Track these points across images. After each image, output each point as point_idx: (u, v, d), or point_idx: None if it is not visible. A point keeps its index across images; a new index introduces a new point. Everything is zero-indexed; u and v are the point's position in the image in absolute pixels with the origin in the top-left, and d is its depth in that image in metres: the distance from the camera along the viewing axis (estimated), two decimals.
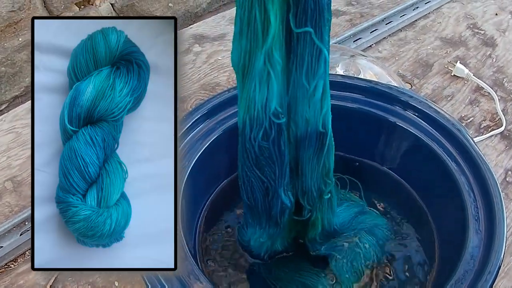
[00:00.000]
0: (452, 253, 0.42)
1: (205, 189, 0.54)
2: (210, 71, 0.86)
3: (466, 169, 0.46)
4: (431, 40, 0.95)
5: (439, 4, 1.05)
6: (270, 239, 0.48)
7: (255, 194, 0.44)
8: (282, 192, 0.43)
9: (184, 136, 0.49)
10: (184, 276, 0.38)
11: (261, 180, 0.42)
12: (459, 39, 0.95)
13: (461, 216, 0.43)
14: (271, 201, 0.44)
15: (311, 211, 0.46)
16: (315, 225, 0.47)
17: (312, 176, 0.43)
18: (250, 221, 0.47)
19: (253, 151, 0.40)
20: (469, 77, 0.84)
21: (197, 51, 0.91)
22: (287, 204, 0.44)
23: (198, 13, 1.61)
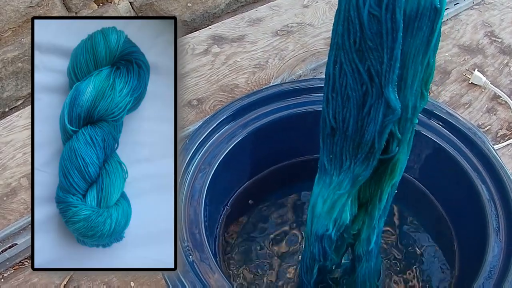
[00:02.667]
0: (472, 261, 0.42)
1: (227, 190, 0.53)
2: (229, 72, 0.87)
3: (487, 178, 0.46)
4: (449, 47, 0.96)
5: (457, 11, 1.05)
6: (348, 194, 0.39)
7: (347, 105, 0.34)
8: (391, 92, 0.32)
9: (208, 137, 0.49)
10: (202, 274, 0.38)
11: (360, 77, 0.33)
12: (476, 47, 0.96)
13: (482, 225, 0.43)
14: (366, 116, 0.34)
15: (399, 144, 0.36)
16: (395, 169, 0.39)
17: (413, 83, 0.34)
18: (326, 166, 0.39)
19: (358, 23, 0.31)
20: (486, 85, 0.85)
21: (216, 52, 0.91)
22: (395, 107, 0.33)
23: (217, 14, 1.62)
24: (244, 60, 0.89)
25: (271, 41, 0.93)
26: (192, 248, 0.41)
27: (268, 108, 0.52)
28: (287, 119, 0.52)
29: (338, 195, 0.39)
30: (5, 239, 0.61)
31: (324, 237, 0.41)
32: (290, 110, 0.52)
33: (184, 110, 0.79)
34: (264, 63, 0.88)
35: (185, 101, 0.81)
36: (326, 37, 0.94)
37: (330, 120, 0.36)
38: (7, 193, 0.66)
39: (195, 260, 0.40)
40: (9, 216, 0.64)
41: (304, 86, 0.54)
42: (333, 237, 0.41)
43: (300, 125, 0.52)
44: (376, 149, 0.36)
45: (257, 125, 0.51)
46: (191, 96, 0.82)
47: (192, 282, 0.38)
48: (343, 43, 0.32)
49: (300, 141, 0.53)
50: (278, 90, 0.53)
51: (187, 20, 1.57)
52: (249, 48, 0.92)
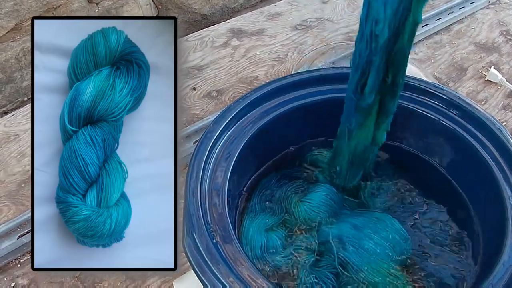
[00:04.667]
0: (492, 252, 0.42)
1: (245, 176, 0.53)
2: (248, 65, 0.87)
3: (505, 167, 0.46)
4: (466, 44, 0.97)
5: (473, 10, 1.07)
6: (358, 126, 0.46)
7: None
8: None
9: (230, 124, 0.49)
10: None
11: None
12: (492, 45, 0.97)
13: (501, 216, 0.43)
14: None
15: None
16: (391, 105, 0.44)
17: None
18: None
19: None
20: (502, 82, 0.86)
21: (236, 45, 0.92)
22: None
23: (235, 8, 1.63)
24: (263, 53, 0.90)
25: (290, 35, 0.95)
26: (216, 230, 0.41)
27: (288, 97, 0.53)
28: (307, 106, 0.52)
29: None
30: (22, 225, 0.60)
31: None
32: (309, 99, 0.53)
33: (203, 100, 0.79)
34: (283, 56, 0.89)
35: (204, 92, 0.81)
36: (345, 32, 0.96)
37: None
38: (25, 180, 0.66)
39: (218, 241, 0.40)
40: (27, 203, 0.64)
41: (323, 74, 0.54)
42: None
43: (319, 112, 0.53)
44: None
45: (277, 113, 0.51)
46: (210, 87, 0.83)
47: (215, 261, 0.38)
48: None
49: (321, 125, 0.54)
50: (297, 79, 0.53)
51: (207, 14, 1.58)
52: (268, 41, 0.93)
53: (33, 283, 0.56)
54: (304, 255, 0.47)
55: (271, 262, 0.47)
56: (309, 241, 0.48)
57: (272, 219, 0.51)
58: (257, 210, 0.51)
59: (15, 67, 1.19)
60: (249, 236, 0.48)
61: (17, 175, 0.67)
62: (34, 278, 0.56)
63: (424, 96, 0.53)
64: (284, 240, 0.49)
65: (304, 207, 0.50)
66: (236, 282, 0.37)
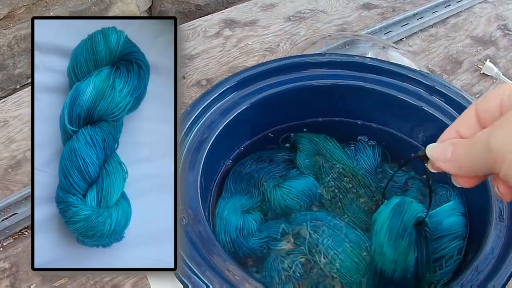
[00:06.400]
0: (478, 238, 0.43)
1: (221, 160, 0.53)
2: (240, 55, 0.88)
3: None
4: (462, 38, 0.97)
5: (470, 4, 1.06)
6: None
7: None
8: None
9: (210, 106, 0.49)
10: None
11: None
12: (489, 39, 0.96)
13: (487, 204, 0.43)
14: None
15: None
16: None
17: None
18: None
19: None
20: (498, 75, 0.85)
21: (228, 35, 0.92)
22: None
23: (230, 0, 1.63)
24: (255, 44, 0.90)
25: (283, 26, 0.95)
26: (186, 212, 0.41)
27: (272, 81, 0.53)
28: (292, 91, 0.53)
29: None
30: (6, 208, 0.62)
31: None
32: (294, 84, 0.53)
33: (192, 89, 0.80)
34: (275, 47, 0.89)
35: (194, 81, 0.82)
36: (339, 24, 0.97)
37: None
38: (12, 165, 0.68)
39: (188, 223, 0.40)
40: (13, 187, 0.65)
41: (309, 60, 0.54)
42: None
43: (303, 96, 0.54)
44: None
45: (260, 97, 0.51)
46: (200, 76, 0.83)
47: (185, 245, 0.38)
48: None
49: (302, 110, 0.55)
50: (282, 64, 0.54)
51: (201, 4, 1.58)
52: (260, 32, 0.93)
53: (14, 266, 0.56)
54: (277, 241, 0.46)
55: (245, 244, 0.46)
56: (285, 227, 0.47)
57: (249, 201, 0.50)
58: (233, 191, 0.50)
59: (8, 55, 1.19)
60: (223, 216, 0.47)
61: (4, 160, 0.69)
62: (16, 262, 0.56)
63: (407, 82, 0.53)
64: (259, 224, 0.48)
65: (281, 192, 0.49)
66: (204, 266, 0.37)
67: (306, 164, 0.53)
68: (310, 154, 0.54)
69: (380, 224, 0.40)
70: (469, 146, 0.30)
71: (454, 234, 0.45)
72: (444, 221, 0.46)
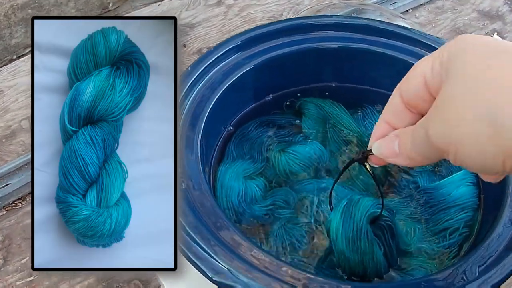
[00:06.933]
0: (492, 209, 0.41)
1: (222, 124, 0.51)
2: (242, 23, 0.87)
3: None
4: (468, 11, 0.96)
5: None
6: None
7: None
8: None
9: (212, 67, 0.47)
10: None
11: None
12: (496, 13, 0.96)
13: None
14: None
15: None
16: None
17: None
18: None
19: None
20: None
21: (230, 3, 0.91)
22: None
23: None
24: (258, 13, 0.89)
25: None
26: (185, 176, 0.39)
27: (277, 42, 0.50)
28: (297, 53, 0.51)
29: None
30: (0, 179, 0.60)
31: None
32: (300, 46, 0.51)
33: (192, 57, 0.79)
34: (278, 16, 0.88)
35: (194, 49, 0.81)
36: None
37: None
38: (6, 135, 0.67)
39: (188, 188, 0.39)
40: (7, 158, 0.64)
41: (315, 22, 0.53)
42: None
43: (309, 59, 0.52)
44: None
45: (264, 58, 0.49)
46: (201, 44, 0.82)
47: (184, 211, 0.37)
48: None
49: (308, 73, 0.53)
50: (288, 24, 0.52)
51: None
52: (263, 1, 0.92)
53: (7, 239, 0.55)
54: (282, 209, 0.44)
55: (247, 211, 0.44)
56: (289, 195, 0.45)
57: (252, 167, 0.47)
58: (235, 156, 0.48)
59: (4, 24, 1.16)
60: (225, 182, 0.45)
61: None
62: (9, 234, 0.55)
63: (418, 46, 0.51)
64: (263, 190, 0.46)
65: (286, 158, 0.47)
66: (205, 234, 0.35)
67: (312, 129, 0.51)
68: (316, 119, 0.51)
69: (334, 231, 0.39)
70: (412, 139, 0.28)
71: (462, 205, 0.43)
72: (453, 192, 0.44)
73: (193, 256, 0.34)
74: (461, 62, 0.25)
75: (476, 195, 0.44)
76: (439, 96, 0.26)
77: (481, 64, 0.24)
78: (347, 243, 0.38)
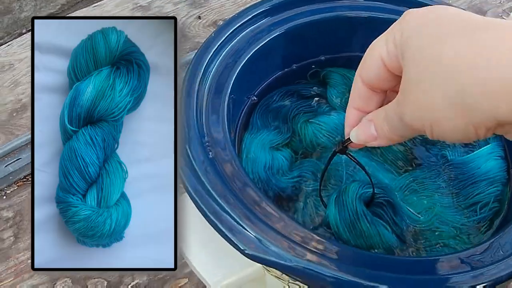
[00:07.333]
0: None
1: (245, 94, 0.49)
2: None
3: None
4: None
5: None
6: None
7: None
8: None
9: (237, 33, 0.46)
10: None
11: None
12: None
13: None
14: None
15: None
16: None
17: None
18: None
19: None
20: None
21: None
22: None
23: None
24: None
25: None
26: (212, 145, 0.38)
27: (303, 9, 0.49)
28: (325, 21, 0.49)
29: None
30: (10, 154, 0.59)
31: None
32: (329, 13, 0.49)
33: (208, 29, 0.78)
34: None
35: (210, 21, 0.80)
36: None
37: None
38: (17, 109, 0.66)
39: (215, 157, 0.37)
40: (17, 132, 0.63)
41: None
42: None
43: (336, 28, 0.50)
44: None
45: (291, 25, 0.48)
46: (216, 16, 0.81)
47: (212, 180, 0.35)
48: None
49: (335, 42, 0.51)
50: None
51: None
52: None
53: (18, 215, 0.54)
54: (309, 181, 0.43)
55: (275, 183, 0.43)
56: (317, 166, 0.44)
57: (278, 137, 0.46)
58: (259, 126, 0.47)
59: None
60: (251, 153, 0.43)
61: (9, 104, 0.66)
62: (20, 211, 0.54)
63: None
64: (290, 162, 0.44)
65: (313, 128, 0.46)
66: (236, 203, 0.34)
67: (337, 99, 0.49)
68: (341, 89, 0.50)
69: (334, 224, 0.39)
70: (388, 122, 0.29)
71: (491, 179, 0.43)
72: (482, 166, 0.43)
73: (224, 227, 0.33)
74: (415, 46, 0.26)
75: (505, 169, 0.44)
76: (404, 80, 0.27)
77: (436, 48, 0.25)
78: (349, 231, 0.38)
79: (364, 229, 0.38)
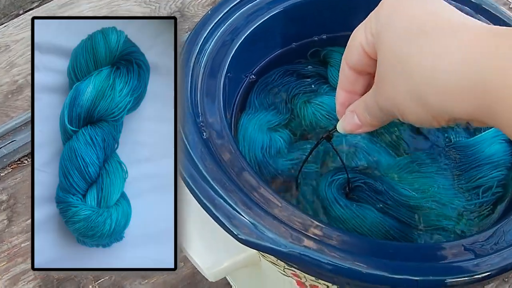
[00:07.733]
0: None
1: (242, 72, 0.48)
2: None
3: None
4: None
5: None
6: None
7: None
8: None
9: (237, 8, 0.45)
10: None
11: None
12: None
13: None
14: None
15: None
16: None
17: None
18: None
19: None
20: None
21: None
22: None
23: None
24: None
25: None
26: (206, 125, 0.37)
27: None
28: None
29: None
30: (5, 136, 0.58)
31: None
32: None
33: (207, 9, 0.76)
34: None
35: (209, 1, 0.80)
36: None
37: None
38: (12, 91, 0.65)
39: (209, 138, 0.36)
40: (12, 114, 0.62)
41: None
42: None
43: (336, 5, 0.49)
44: None
45: (290, 3, 0.47)
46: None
47: (205, 159, 0.35)
48: None
49: (335, 21, 0.49)
50: None
51: None
52: None
53: (12, 198, 0.54)
54: (309, 163, 0.42)
55: (273, 165, 0.42)
56: (317, 148, 0.43)
57: (276, 118, 0.45)
58: (257, 106, 0.46)
59: None
60: (247, 134, 0.42)
61: (5, 86, 0.65)
62: (14, 194, 0.53)
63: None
64: (288, 143, 0.43)
65: (313, 109, 0.45)
66: (232, 188, 0.33)
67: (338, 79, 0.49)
68: None
69: (333, 219, 0.39)
70: (368, 110, 0.31)
71: (495, 163, 0.42)
72: (486, 149, 0.43)
73: (217, 212, 0.32)
74: (387, 43, 0.28)
75: (510, 153, 0.43)
76: (377, 72, 0.29)
77: (404, 47, 0.27)
78: (328, 217, 0.38)
79: (339, 214, 0.38)
